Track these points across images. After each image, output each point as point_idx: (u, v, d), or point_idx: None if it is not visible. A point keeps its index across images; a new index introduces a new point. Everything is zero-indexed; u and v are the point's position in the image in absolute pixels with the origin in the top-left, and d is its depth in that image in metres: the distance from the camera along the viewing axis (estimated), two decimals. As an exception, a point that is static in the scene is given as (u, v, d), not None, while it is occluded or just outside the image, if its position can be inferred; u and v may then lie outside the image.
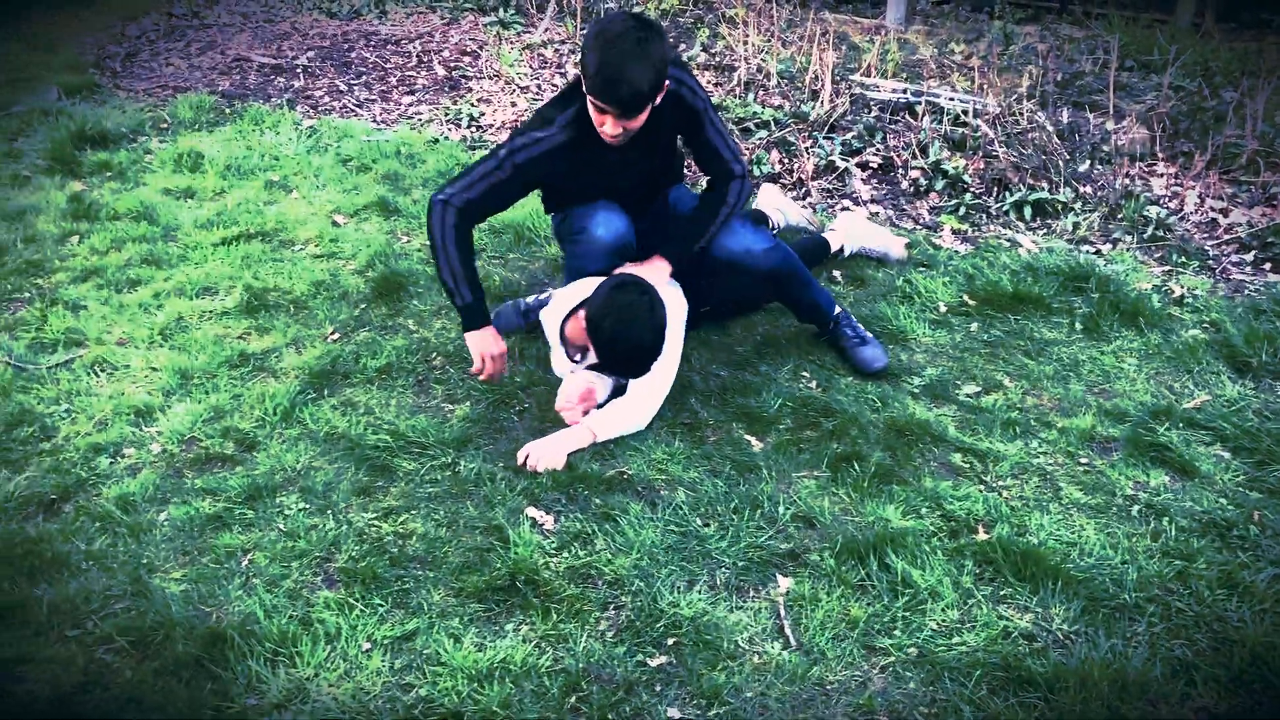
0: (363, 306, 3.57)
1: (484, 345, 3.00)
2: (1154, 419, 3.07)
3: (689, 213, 3.19)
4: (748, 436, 3.00)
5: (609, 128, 2.81)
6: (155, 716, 2.11)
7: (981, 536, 2.62)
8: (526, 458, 2.86)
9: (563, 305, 3.08)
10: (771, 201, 4.07)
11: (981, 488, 2.82)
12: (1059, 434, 3.03)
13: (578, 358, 3.09)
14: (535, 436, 2.97)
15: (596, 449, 2.92)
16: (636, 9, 6.21)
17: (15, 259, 3.83)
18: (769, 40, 5.77)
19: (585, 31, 2.78)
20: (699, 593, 2.44)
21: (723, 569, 2.53)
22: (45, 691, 2.16)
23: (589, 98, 2.81)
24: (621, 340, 2.82)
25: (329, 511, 2.67)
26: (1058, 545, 2.60)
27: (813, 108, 4.99)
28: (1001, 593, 2.47)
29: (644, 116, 2.84)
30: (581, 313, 2.94)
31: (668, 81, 2.86)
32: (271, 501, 2.70)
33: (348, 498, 2.72)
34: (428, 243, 3.11)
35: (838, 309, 3.41)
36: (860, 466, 2.85)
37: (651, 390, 2.99)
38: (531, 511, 2.68)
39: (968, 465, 2.91)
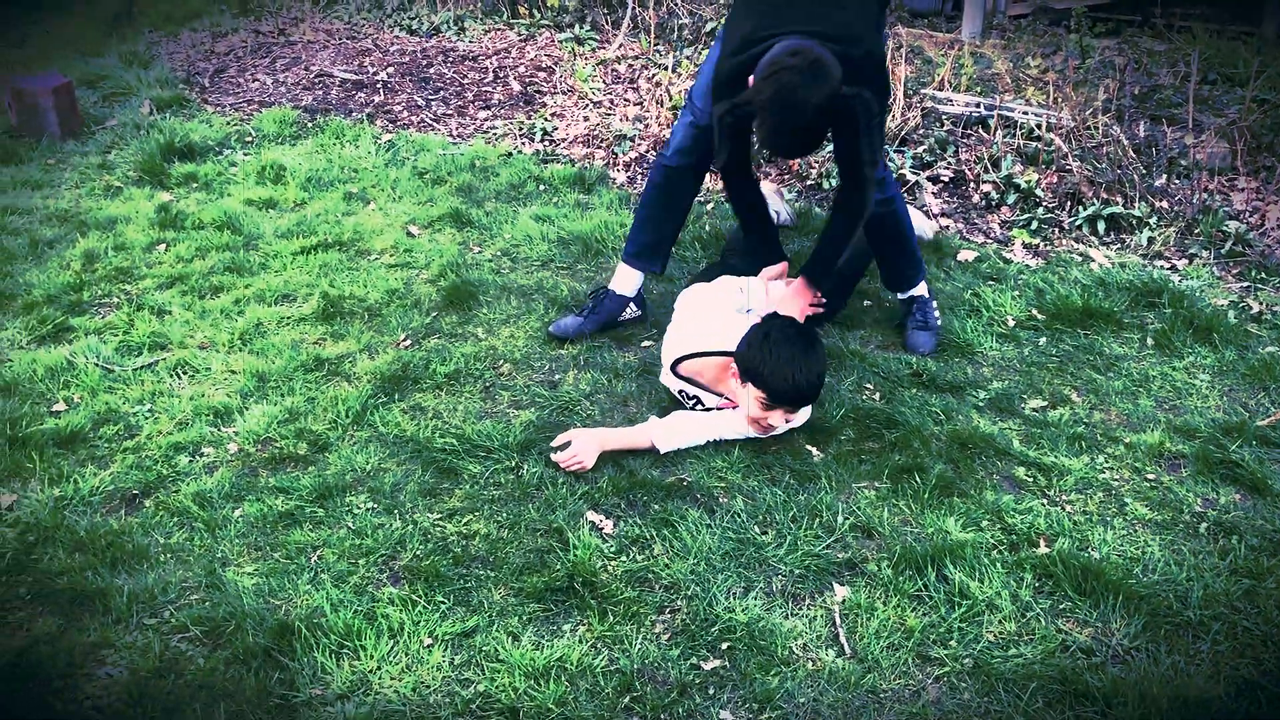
0: (434, 315, 3.66)
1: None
2: (1225, 436, 3.02)
3: (828, 231, 3.21)
4: (808, 446, 3.01)
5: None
6: (225, 703, 2.19)
7: (1042, 550, 2.60)
8: (567, 444, 2.93)
9: (679, 342, 3.15)
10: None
11: (1044, 502, 2.80)
12: (1126, 449, 2.99)
13: (690, 393, 3.14)
14: (598, 443, 3.03)
15: (656, 458, 2.95)
16: (709, 25, 6.26)
17: (106, 265, 3.99)
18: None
19: (758, 72, 2.82)
20: (754, 599, 2.46)
21: (779, 576, 2.54)
22: (123, 676, 2.26)
23: (756, 124, 2.84)
24: (796, 376, 2.82)
25: (396, 511, 2.74)
26: (1120, 561, 2.57)
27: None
28: (1060, 606, 2.45)
29: None
30: (724, 361, 3.02)
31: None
32: (341, 501, 2.78)
33: (414, 498, 2.79)
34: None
35: (922, 290, 3.55)
36: (921, 478, 2.85)
37: (730, 424, 3.02)
38: (591, 515, 2.73)
39: (1031, 479, 2.88)
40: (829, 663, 2.30)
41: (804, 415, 3.04)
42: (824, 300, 3.32)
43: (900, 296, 3.60)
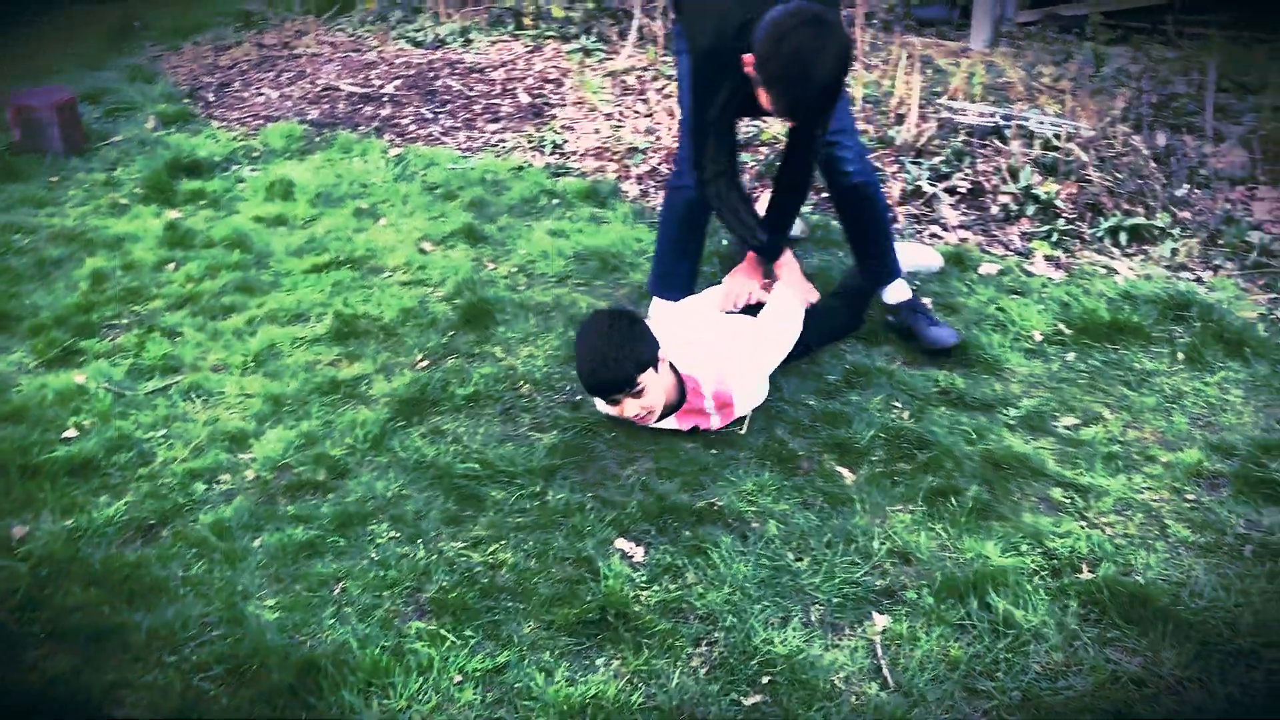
0: (450, 334, 3.59)
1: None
2: (1264, 454, 2.95)
3: (775, 196, 3.29)
4: (839, 468, 2.94)
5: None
6: (251, 745, 2.12)
7: (1086, 575, 2.54)
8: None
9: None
10: None
11: (1083, 524, 2.73)
12: (1164, 469, 2.93)
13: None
14: (623, 466, 2.96)
15: (685, 481, 2.88)
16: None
17: (115, 286, 3.92)
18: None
19: (764, 33, 2.70)
20: (793, 630, 2.39)
21: (817, 605, 2.47)
22: (144, 717, 2.18)
23: (772, 100, 2.75)
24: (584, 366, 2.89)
25: (419, 540, 2.67)
26: (1166, 585, 2.51)
27: (898, 132, 4.93)
28: (1108, 635, 2.38)
29: None
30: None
31: None
32: (363, 529, 2.71)
33: (437, 526, 2.72)
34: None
35: (910, 295, 3.54)
36: (957, 501, 2.78)
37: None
38: (620, 543, 2.65)
39: (1068, 500, 2.82)
40: (873, 696, 2.23)
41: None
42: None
43: (890, 302, 3.57)
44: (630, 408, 2.91)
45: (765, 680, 2.26)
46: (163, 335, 3.59)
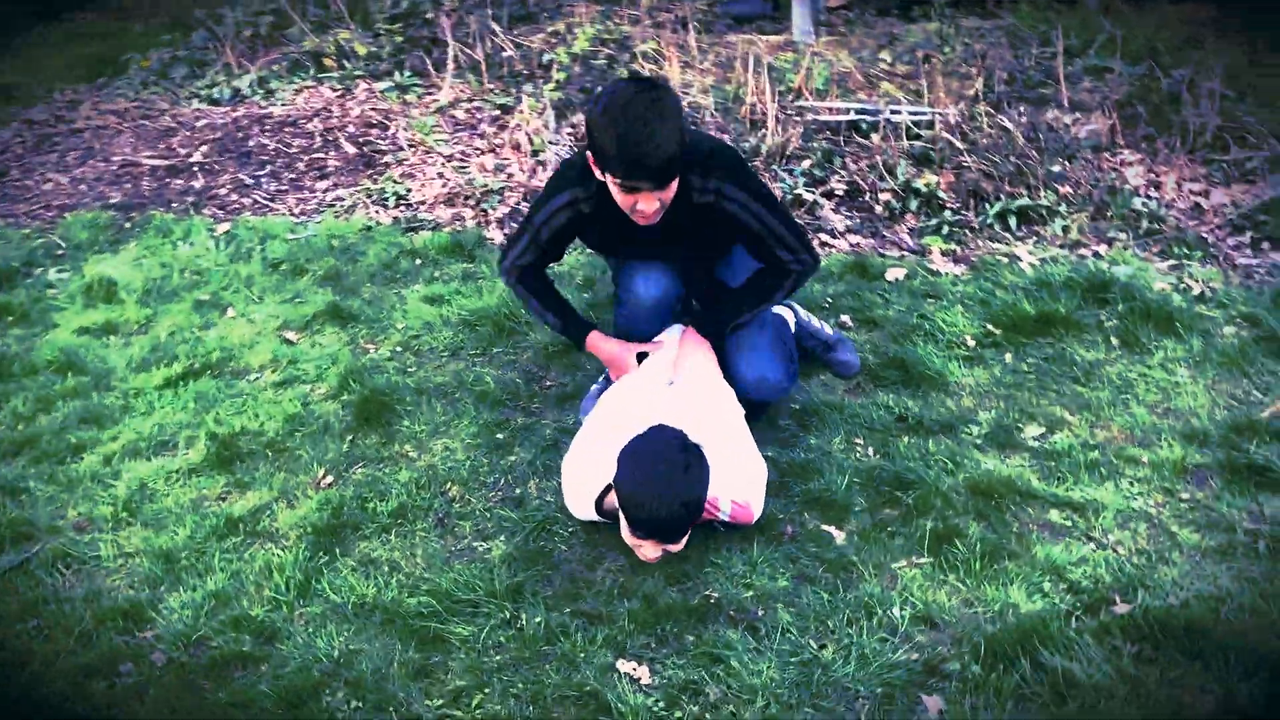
0: (350, 438, 3.14)
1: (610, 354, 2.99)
2: (1238, 435, 2.88)
3: (739, 286, 2.91)
4: (825, 527, 2.69)
5: (643, 205, 2.53)
6: None
7: (1121, 609, 2.36)
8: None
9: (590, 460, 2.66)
10: None
11: (1093, 546, 2.57)
12: (1149, 469, 2.81)
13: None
14: (592, 567, 2.62)
15: (668, 574, 2.56)
16: (547, 57, 5.87)
17: (-76, 440, 3.29)
18: (683, 72, 5.50)
19: (588, 110, 2.54)
20: (849, 738, 2.12)
21: (860, 699, 2.21)
22: None
23: (611, 181, 2.50)
24: (651, 504, 2.37)
25: (390, 707, 2.26)
26: (1203, 604, 2.36)
27: (762, 138, 4.73)
28: (1170, 675, 2.20)
29: (675, 183, 2.54)
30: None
31: (711, 198, 2.67)
32: (317, 706, 2.27)
33: (404, 684, 2.31)
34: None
35: (793, 327, 3.22)
36: (962, 544, 2.57)
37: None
38: (622, 665, 2.32)
39: (1070, 523, 2.66)
40: (961, 803, 1.99)
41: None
42: None
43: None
44: (651, 549, 2.50)
45: (841, 809, 1.99)
46: (3, 495, 3.01)
